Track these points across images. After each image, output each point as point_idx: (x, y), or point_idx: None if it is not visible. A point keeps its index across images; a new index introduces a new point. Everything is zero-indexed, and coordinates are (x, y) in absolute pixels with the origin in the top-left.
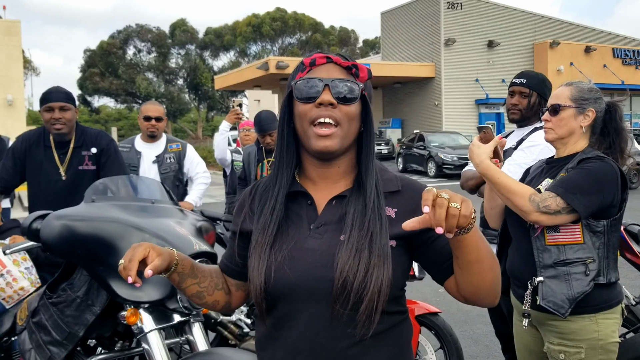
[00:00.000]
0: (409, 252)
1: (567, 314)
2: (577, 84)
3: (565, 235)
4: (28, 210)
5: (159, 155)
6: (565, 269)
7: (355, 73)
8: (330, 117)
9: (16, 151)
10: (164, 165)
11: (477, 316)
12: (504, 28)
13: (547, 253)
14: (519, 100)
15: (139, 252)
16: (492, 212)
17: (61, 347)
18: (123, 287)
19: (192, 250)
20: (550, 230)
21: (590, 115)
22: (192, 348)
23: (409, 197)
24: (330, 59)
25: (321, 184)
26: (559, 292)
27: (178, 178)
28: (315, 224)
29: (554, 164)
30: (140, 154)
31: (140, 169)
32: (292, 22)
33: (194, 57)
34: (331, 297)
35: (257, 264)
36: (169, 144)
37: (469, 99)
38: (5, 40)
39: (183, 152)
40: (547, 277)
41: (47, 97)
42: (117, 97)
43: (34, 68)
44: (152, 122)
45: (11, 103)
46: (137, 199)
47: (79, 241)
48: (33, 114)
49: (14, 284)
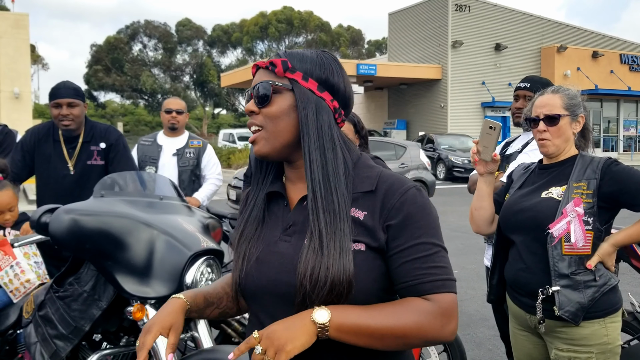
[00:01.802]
0: (383, 257)
1: (580, 321)
2: (564, 90)
3: (581, 244)
4: (36, 203)
5: (179, 148)
6: (579, 278)
7: (272, 70)
8: (253, 125)
9: (25, 145)
10: (184, 159)
11: (480, 320)
12: (511, 31)
13: (563, 262)
14: (523, 104)
15: (148, 341)
16: (476, 214)
17: (67, 341)
18: (130, 283)
19: (200, 247)
20: (568, 239)
21: (581, 121)
22: (196, 345)
23: (380, 198)
24: (258, 65)
25: (299, 184)
26: (574, 301)
27: (195, 174)
28: (284, 226)
29: (551, 169)
30: (161, 147)
31: (160, 161)
32: (297, 23)
33: (201, 54)
34: (296, 303)
35: (234, 265)
36: (191, 140)
37: (475, 101)
38: (13, 33)
39: (203, 149)
40: (562, 287)
41: (55, 92)
42: (123, 93)
43: (43, 62)
44: (173, 114)
45: (18, 96)
46: (145, 194)
47: (87, 235)
48: (39, 108)
49: (22, 275)
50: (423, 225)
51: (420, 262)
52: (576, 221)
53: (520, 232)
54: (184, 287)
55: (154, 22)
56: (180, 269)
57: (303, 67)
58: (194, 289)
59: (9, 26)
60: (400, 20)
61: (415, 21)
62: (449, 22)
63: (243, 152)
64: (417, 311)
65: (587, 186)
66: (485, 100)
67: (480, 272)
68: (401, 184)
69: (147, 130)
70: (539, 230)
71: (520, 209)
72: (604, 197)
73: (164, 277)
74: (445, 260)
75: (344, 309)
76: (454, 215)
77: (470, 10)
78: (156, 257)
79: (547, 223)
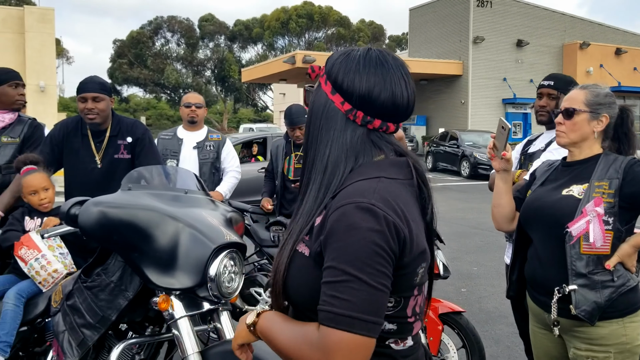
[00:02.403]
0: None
1: (595, 321)
2: (592, 87)
3: (600, 244)
4: (64, 196)
5: (199, 142)
6: (596, 277)
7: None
8: None
9: (54, 138)
10: (204, 152)
11: (499, 317)
12: (533, 27)
13: (581, 261)
14: (547, 102)
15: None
16: (495, 211)
17: (94, 330)
18: (155, 274)
19: (223, 241)
20: (587, 238)
21: (604, 121)
22: (219, 336)
23: (328, 208)
24: None
25: None
26: (591, 301)
27: (215, 166)
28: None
29: (574, 167)
30: (181, 141)
31: (181, 154)
32: (317, 18)
33: (222, 49)
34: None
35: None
36: (210, 134)
37: (496, 98)
38: (39, 27)
39: (222, 142)
40: (579, 286)
41: (82, 87)
42: (146, 87)
43: (67, 56)
44: (193, 108)
45: (43, 89)
46: (171, 188)
47: (115, 227)
48: (64, 101)
49: (48, 266)
50: (337, 248)
51: (325, 287)
52: (596, 221)
53: (539, 229)
54: (208, 279)
55: (177, 17)
56: (204, 261)
57: (327, 69)
58: None
59: (35, 20)
60: (421, 15)
61: (436, 17)
62: (470, 18)
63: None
64: (305, 337)
65: (609, 185)
66: (506, 97)
67: (499, 270)
68: (343, 199)
69: (169, 124)
70: (557, 227)
71: (540, 206)
72: (626, 198)
73: (188, 269)
74: (351, 292)
75: (272, 316)
76: (473, 212)
77: (492, 6)
78: (181, 249)
79: (566, 221)
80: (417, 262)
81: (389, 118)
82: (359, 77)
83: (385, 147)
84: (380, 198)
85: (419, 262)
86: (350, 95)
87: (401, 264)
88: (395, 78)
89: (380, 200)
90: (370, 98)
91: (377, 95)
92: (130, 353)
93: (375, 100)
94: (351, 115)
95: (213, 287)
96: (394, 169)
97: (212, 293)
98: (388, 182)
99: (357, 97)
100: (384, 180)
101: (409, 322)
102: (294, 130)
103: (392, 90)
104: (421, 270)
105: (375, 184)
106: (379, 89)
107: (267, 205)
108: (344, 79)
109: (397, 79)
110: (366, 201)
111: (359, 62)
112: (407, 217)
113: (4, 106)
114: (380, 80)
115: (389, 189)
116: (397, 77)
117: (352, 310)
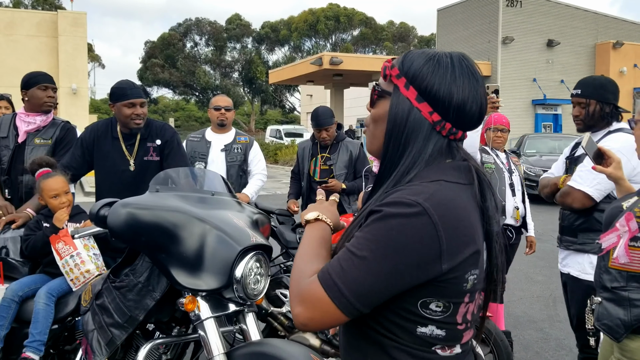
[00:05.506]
0: None
1: (622, 339)
2: None
3: (631, 262)
4: (95, 197)
5: (227, 144)
6: (625, 294)
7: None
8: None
9: (85, 141)
10: (232, 155)
11: (528, 322)
12: (564, 27)
13: (608, 275)
14: (579, 111)
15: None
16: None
17: (122, 330)
18: (182, 275)
19: (249, 242)
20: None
21: None
22: (245, 337)
23: None
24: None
25: None
26: (614, 316)
27: (242, 169)
28: None
29: None
30: (210, 143)
31: (209, 157)
32: (343, 19)
33: (250, 51)
34: None
35: None
36: (238, 136)
37: (525, 99)
38: (72, 31)
39: (250, 145)
40: (605, 299)
41: (127, 93)
42: (176, 89)
43: (99, 61)
44: (222, 111)
45: (75, 92)
46: (198, 190)
47: (143, 228)
48: (95, 103)
49: (82, 266)
50: (370, 223)
51: (342, 250)
52: (626, 236)
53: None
54: (234, 281)
55: (205, 20)
56: (231, 263)
57: (410, 73)
58: None
59: (67, 24)
60: (450, 16)
61: (465, 17)
62: (499, 18)
63: (290, 149)
64: (305, 269)
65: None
66: (536, 98)
67: (528, 274)
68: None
69: (198, 125)
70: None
71: (604, 210)
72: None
73: (214, 271)
74: (350, 265)
75: (314, 232)
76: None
77: (522, 6)
78: (207, 251)
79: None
80: (464, 268)
81: (468, 127)
82: (456, 88)
83: (456, 153)
84: (433, 200)
85: (467, 269)
86: (445, 106)
87: (442, 269)
88: (481, 89)
89: (429, 201)
90: (464, 110)
91: (470, 107)
92: (157, 353)
93: (467, 112)
94: (438, 127)
95: (239, 288)
96: (456, 172)
97: (238, 294)
98: (447, 185)
99: (453, 109)
100: (443, 184)
101: (459, 329)
102: (320, 131)
103: (480, 102)
104: (472, 277)
105: (433, 187)
106: (472, 101)
107: (293, 207)
108: (440, 88)
109: (483, 90)
110: (413, 199)
111: (454, 71)
112: (458, 222)
113: (34, 108)
114: (473, 92)
115: (445, 192)
116: (482, 88)
117: (339, 278)
